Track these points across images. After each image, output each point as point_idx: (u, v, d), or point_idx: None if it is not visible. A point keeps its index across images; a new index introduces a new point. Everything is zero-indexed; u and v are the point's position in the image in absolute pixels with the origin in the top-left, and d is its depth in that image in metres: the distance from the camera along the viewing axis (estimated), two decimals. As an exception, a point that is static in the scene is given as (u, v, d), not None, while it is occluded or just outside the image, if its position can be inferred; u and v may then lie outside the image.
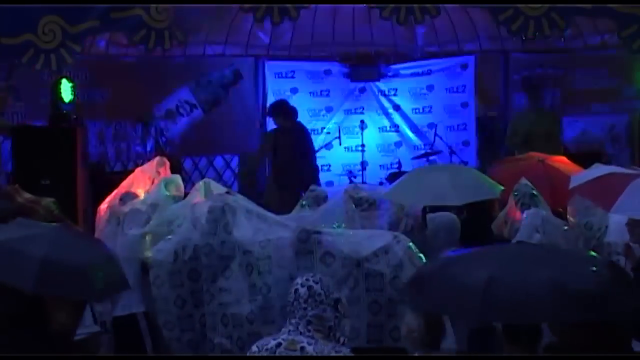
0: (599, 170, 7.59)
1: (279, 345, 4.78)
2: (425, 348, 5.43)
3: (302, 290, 4.89)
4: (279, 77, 14.56)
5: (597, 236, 7.88)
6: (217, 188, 8.24)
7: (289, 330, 4.84)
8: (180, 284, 7.01)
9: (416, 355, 5.55)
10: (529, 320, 4.11)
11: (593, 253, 5.72)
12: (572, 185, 7.55)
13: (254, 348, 4.90)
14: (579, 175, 7.73)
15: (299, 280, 4.98)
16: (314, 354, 4.71)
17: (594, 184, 7.23)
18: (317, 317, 4.84)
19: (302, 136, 12.56)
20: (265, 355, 4.78)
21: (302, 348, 4.72)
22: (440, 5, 11.07)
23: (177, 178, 8.60)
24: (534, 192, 7.94)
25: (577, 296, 4.02)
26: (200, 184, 8.22)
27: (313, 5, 11.76)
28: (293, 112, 12.66)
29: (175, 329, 7.05)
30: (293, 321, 4.85)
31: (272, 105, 12.99)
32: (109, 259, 5.26)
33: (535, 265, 4.20)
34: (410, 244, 6.74)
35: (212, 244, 7.00)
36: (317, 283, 4.93)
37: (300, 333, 4.80)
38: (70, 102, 12.17)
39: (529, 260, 4.27)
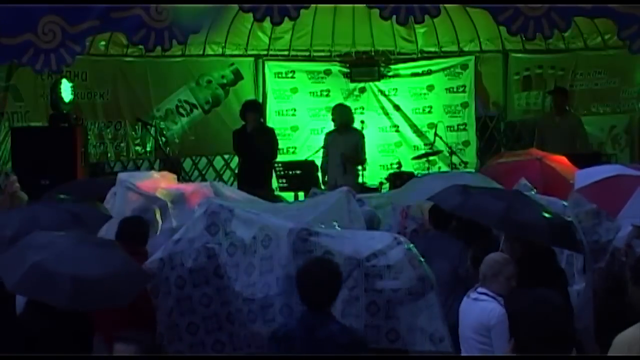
0: (605, 170, 7.56)
1: None
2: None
3: None
4: (278, 77, 14.57)
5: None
6: (227, 189, 8.31)
7: None
8: (168, 292, 6.94)
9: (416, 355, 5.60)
10: (530, 237, 6.75)
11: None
12: (577, 185, 7.52)
13: None
14: (585, 174, 7.67)
15: None
16: None
17: (600, 186, 7.19)
18: None
19: None
20: None
21: None
22: (440, 5, 11.05)
23: None
24: (534, 191, 7.97)
25: (554, 229, 6.97)
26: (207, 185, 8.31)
27: (313, 5, 11.74)
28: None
29: (164, 342, 6.88)
30: None
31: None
32: (125, 262, 6.10)
33: (532, 208, 7.16)
34: (411, 246, 6.73)
35: (199, 247, 6.96)
36: None
37: None
38: (70, 102, 12.19)
39: (528, 203, 7.26)
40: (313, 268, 5.87)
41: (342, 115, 12.87)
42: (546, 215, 7.04)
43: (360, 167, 13.13)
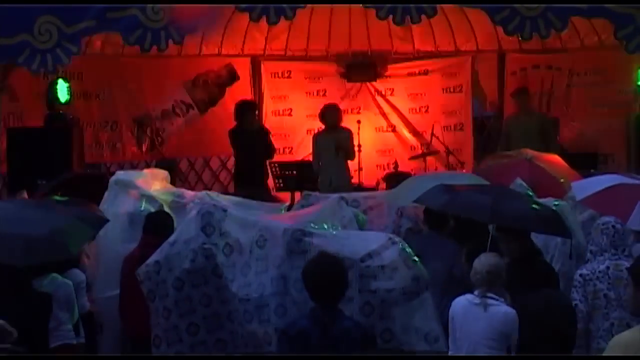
0: (605, 180, 7.57)
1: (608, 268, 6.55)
2: None
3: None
4: (275, 77, 14.55)
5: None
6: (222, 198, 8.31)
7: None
8: (165, 295, 6.95)
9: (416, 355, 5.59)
10: (520, 227, 6.93)
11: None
12: (578, 197, 7.56)
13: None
14: (584, 185, 7.68)
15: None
16: None
17: (602, 196, 7.22)
18: None
19: None
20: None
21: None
22: (437, 5, 11.04)
23: None
24: (529, 192, 7.98)
25: (542, 217, 7.02)
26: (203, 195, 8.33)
27: (309, 5, 11.72)
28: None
29: (162, 344, 6.96)
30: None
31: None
32: (72, 220, 6.56)
33: (519, 199, 7.33)
34: (406, 246, 6.73)
35: (195, 248, 6.96)
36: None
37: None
38: (66, 102, 12.19)
39: (514, 195, 7.45)
40: (321, 264, 5.87)
41: (331, 116, 12.87)
42: (534, 205, 7.09)
43: (357, 168, 13.13)
